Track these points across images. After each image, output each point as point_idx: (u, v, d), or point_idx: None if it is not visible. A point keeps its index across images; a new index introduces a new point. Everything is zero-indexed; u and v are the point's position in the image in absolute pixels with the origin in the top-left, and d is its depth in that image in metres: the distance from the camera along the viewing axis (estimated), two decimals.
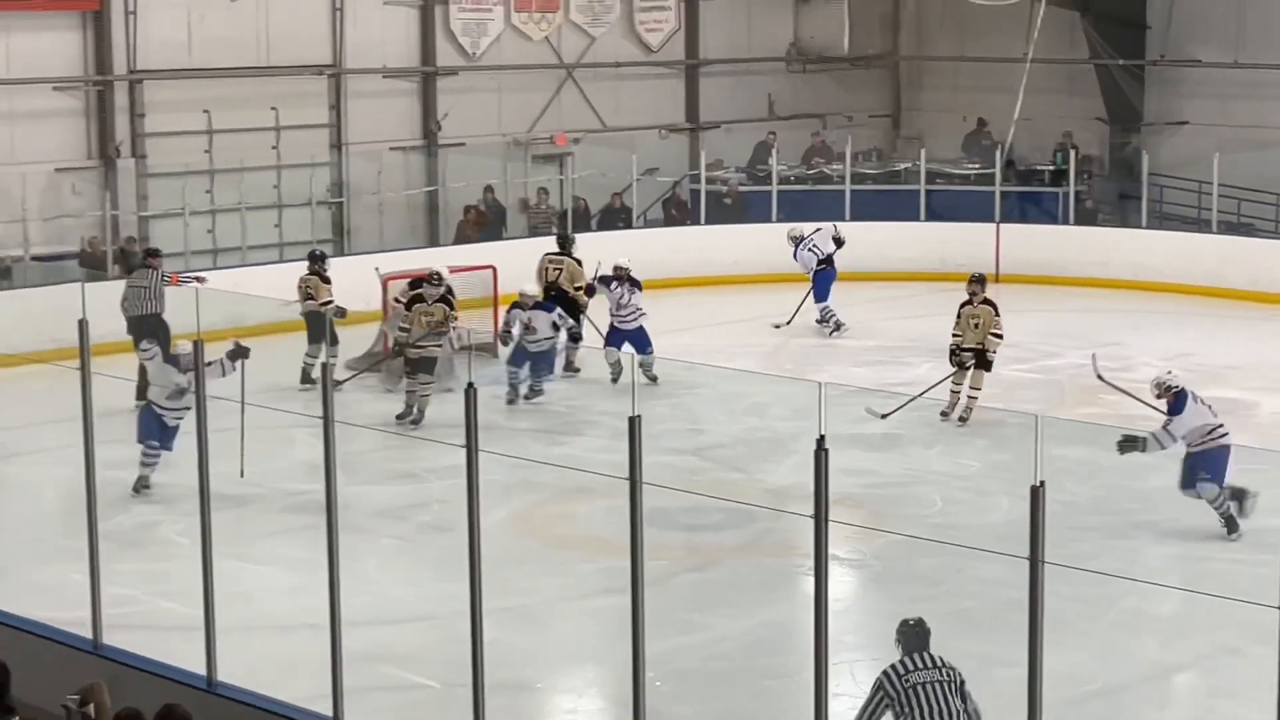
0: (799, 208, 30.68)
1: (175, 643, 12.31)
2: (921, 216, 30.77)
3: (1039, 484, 8.42)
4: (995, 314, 20.38)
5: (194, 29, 28.19)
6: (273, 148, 29.15)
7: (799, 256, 26.21)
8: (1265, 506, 16.08)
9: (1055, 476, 8.70)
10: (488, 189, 30.59)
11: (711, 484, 17.67)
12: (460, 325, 21.59)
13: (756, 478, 18.04)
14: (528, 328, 21.19)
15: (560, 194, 31.25)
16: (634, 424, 9.31)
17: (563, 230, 26.52)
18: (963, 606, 13.80)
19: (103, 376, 12.42)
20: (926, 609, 12.45)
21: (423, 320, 20.52)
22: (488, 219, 30.32)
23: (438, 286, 20.95)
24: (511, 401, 21.03)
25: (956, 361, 20.29)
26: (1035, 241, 30.02)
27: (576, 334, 22.27)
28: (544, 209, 30.80)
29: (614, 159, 31.30)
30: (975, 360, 20.24)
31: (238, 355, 16.82)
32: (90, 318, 12.04)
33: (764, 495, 16.49)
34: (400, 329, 20.78)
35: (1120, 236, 30.39)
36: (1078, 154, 31.64)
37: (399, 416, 20.14)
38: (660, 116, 34.20)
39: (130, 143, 27.87)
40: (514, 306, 21.68)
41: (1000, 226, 30.12)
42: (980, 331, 20.26)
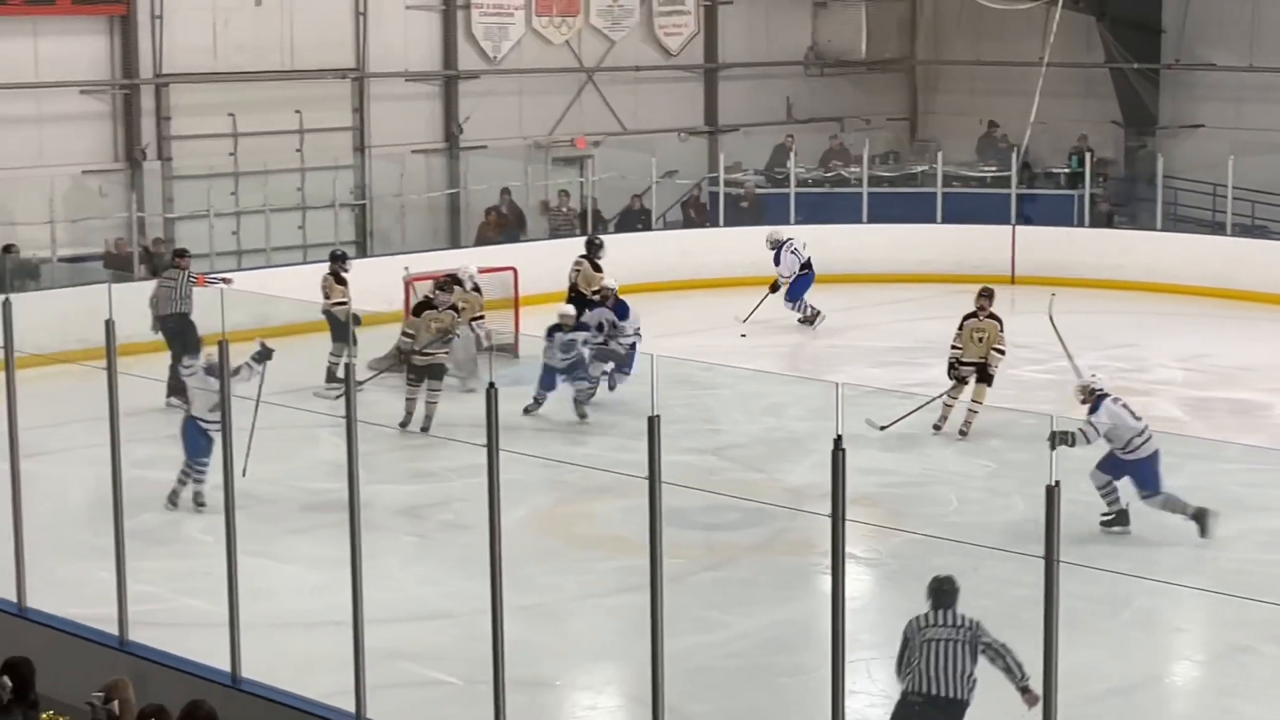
0: (816, 210, 30.83)
1: (200, 639, 12.38)
2: (938, 219, 30.78)
3: (1054, 484, 8.47)
4: (1000, 329, 19.95)
5: (219, 33, 28.34)
6: (296, 150, 29.31)
7: (783, 259, 26.28)
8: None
9: (1070, 476, 8.79)
10: (504, 191, 30.66)
11: (729, 483, 17.75)
12: (488, 323, 21.66)
13: (774, 477, 18.09)
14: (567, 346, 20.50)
15: (581, 196, 31.35)
16: (653, 424, 9.37)
17: (590, 233, 26.61)
18: (978, 605, 13.71)
19: (129, 376, 12.56)
20: None
21: (431, 326, 20.27)
22: (509, 222, 30.39)
23: (450, 293, 20.86)
24: (528, 411, 20.42)
25: (955, 375, 19.86)
26: (1050, 244, 30.03)
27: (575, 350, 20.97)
28: (564, 211, 30.90)
29: (634, 162, 31.35)
30: (977, 374, 19.81)
31: (263, 357, 16.92)
32: (117, 318, 12.13)
33: (782, 494, 16.53)
34: (405, 334, 20.56)
35: (1135, 239, 30.42)
36: (1093, 157, 31.68)
37: (401, 425, 19.80)
38: (679, 119, 34.28)
39: (156, 145, 28.04)
40: (554, 330, 20.81)
41: (1016, 229, 30.20)
42: (984, 346, 19.79)
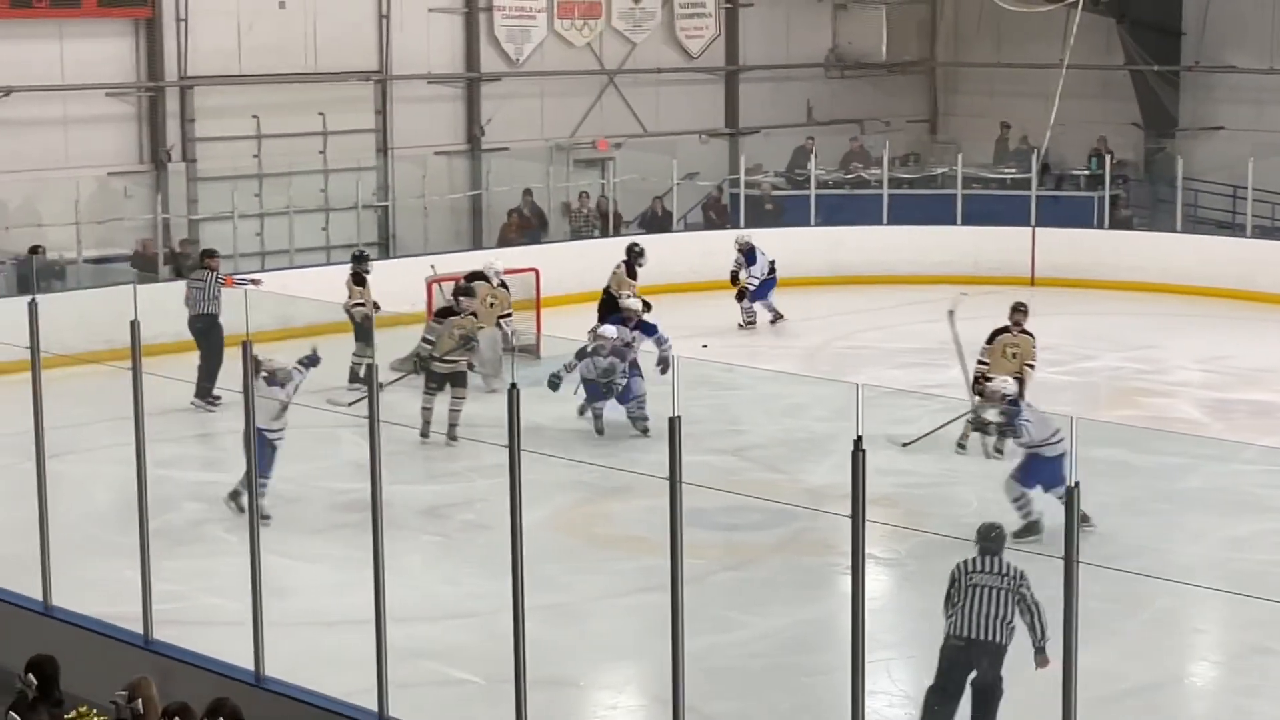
0: (837, 211, 30.94)
1: (224, 638, 12.48)
2: (958, 220, 30.82)
3: (1074, 485, 8.51)
4: (1033, 345, 19.22)
5: (243, 36, 28.46)
6: (320, 152, 29.43)
7: (758, 260, 26.21)
8: None
9: (1090, 478, 8.80)
10: (526, 192, 30.75)
11: (750, 484, 17.80)
12: (514, 323, 21.65)
13: (794, 478, 18.12)
14: (608, 370, 19.70)
15: (602, 198, 31.40)
16: (674, 424, 9.42)
17: (626, 236, 26.67)
18: None
19: (154, 376, 12.60)
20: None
21: (454, 333, 19.89)
22: (531, 223, 30.47)
23: (472, 297, 20.75)
24: (600, 432, 19.85)
25: (978, 390, 18.57)
26: (1070, 245, 30.05)
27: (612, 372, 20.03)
28: (585, 213, 30.98)
29: (655, 163, 31.42)
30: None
31: (312, 363, 17.04)
32: (142, 319, 12.22)
33: (802, 495, 16.55)
34: (425, 340, 20.25)
35: (1154, 240, 30.40)
36: (1113, 159, 31.70)
37: (422, 435, 19.40)
38: (700, 122, 34.33)
39: (181, 147, 28.20)
40: (588, 353, 19.87)
41: (1035, 231, 30.22)
42: (1016, 363, 18.88)
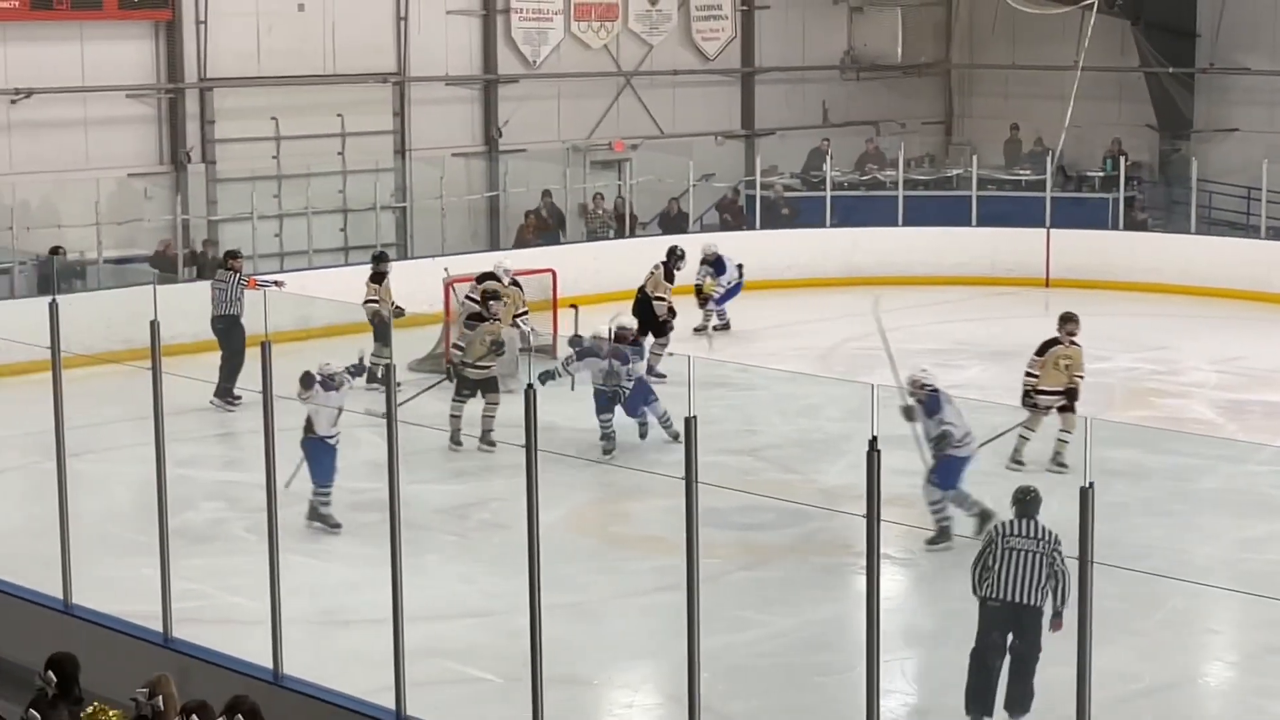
0: (852, 213, 31.00)
1: (243, 636, 12.57)
2: (973, 222, 30.84)
3: (1088, 485, 8.56)
4: (1082, 355, 18.81)
5: (262, 38, 28.57)
6: (338, 154, 29.53)
7: (728, 267, 25.80)
8: None
9: (1104, 478, 8.83)
10: (545, 193, 30.82)
11: (765, 484, 17.86)
12: (530, 320, 21.65)
13: (810, 478, 18.16)
14: (609, 373, 19.07)
15: (618, 199, 31.47)
16: (690, 425, 9.48)
17: (669, 240, 26.45)
18: None
19: (174, 376, 12.69)
20: (976, 608, 12.69)
21: (485, 339, 19.53)
22: (548, 224, 30.54)
23: (501, 301, 20.60)
24: (608, 452, 19.04)
25: (1032, 404, 18.43)
26: (1085, 247, 30.07)
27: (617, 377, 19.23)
28: (600, 214, 31.04)
29: (671, 165, 31.47)
30: (1062, 403, 18.42)
31: (358, 372, 17.16)
32: (161, 319, 12.28)
33: (817, 495, 16.59)
34: (456, 347, 20.10)
35: (1169, 242, 30.38)
36: (1127, 160, 31.72)
37: (455, 443, 19.14)
38: (716, 123, 34.37)
39: (200, 148, 28.31)
40: (584, 345, 19.45)
41: (1050, 232, 30.23)
42: (1066, 374, 18.44)
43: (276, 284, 21.51)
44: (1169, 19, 33.73)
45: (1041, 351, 18.63)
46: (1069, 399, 18.36)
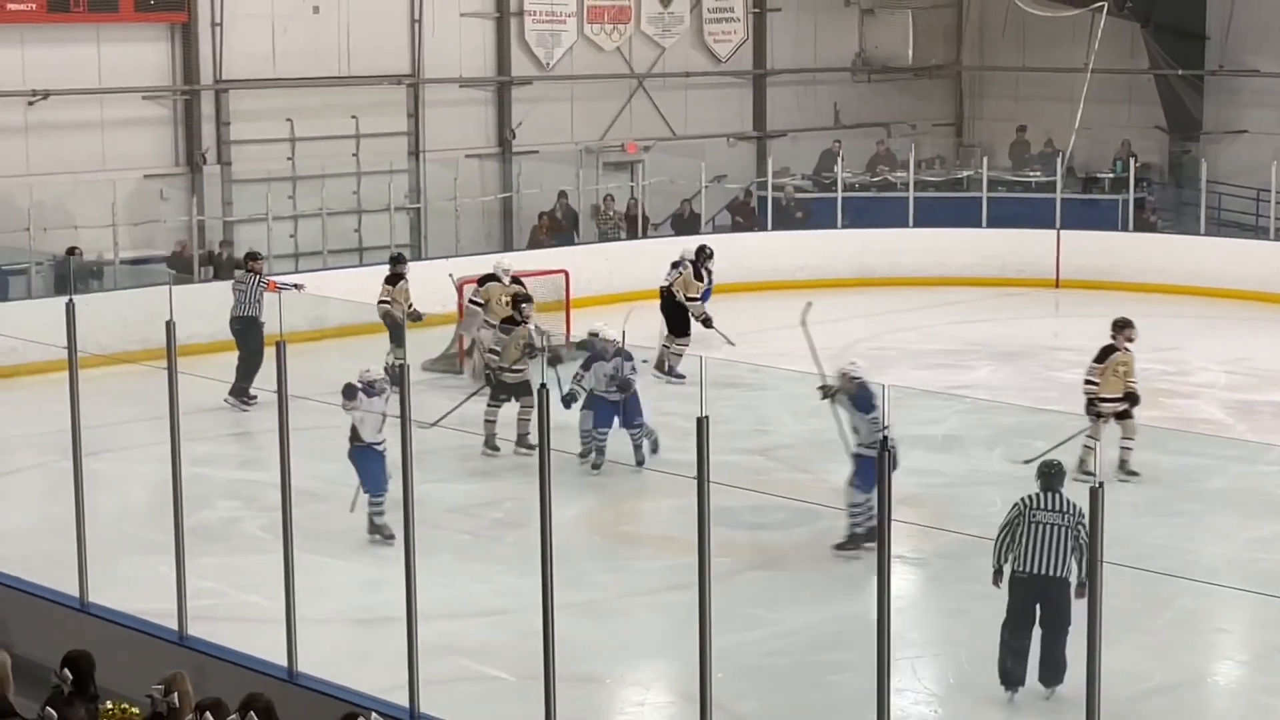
0: (863, 214, 31.05)
1: (257, 634, 12.59)
2: (983, 223, 30.87)
3: (1098, 485, 8.58)
4: (1134, 360, 18.50)
5: (277, 40, 28.66)
6: (353, 155, 29.62)
7: (703, 273, 24.96)
8: None
9: (1114, 478, 8.87)
10: (561, 194, 30.88)
11: (777, 483, 17.90)
12: (536, 320, 21.61)
13: (821, 477, 18.14)
14: (614, 377, 18.48)
15: (630, 200, 31.53)
16: (701, 424, 9.49)
17: (698, 240, 26.33)
18: None
19: (189, 376, 12.74)
20: (987, 607, 12.76)
21: (520, 343, 19.29)
22: (562, 226, 30.59)
23: (531, 303, 20.26)
24: (598, 466, 18.43)
25: (1096, 413, 17.79)
26: (1095, 248, 30.11)
27: (626, 383, 18.61)
28: (611, 215, 31.11)
29: (683, 166, 31.54)
30: (1122, 410, 17.94)
31: (395, 381, 17.11)
32: (177, 319, 12.32)
33: (828, 494, 16.54)
34: (491, 351, 19.75)
35: (1179, 243, 30.40)
36: (1137, 162, 31.75)
37: (492, 448, 18.87)
38: (728, 125, 34.45)
39: (216, 150, 28.41)
40: (593, 349, 18.85)
41: (1061, 233, 30.27)
42: (1123, 379, 18.11)
43: (296, 287, 21.49)
44: (1179, 21, 33.78)
45: (1101, 358, 18.30)
46: (1130, 404, 18.06)
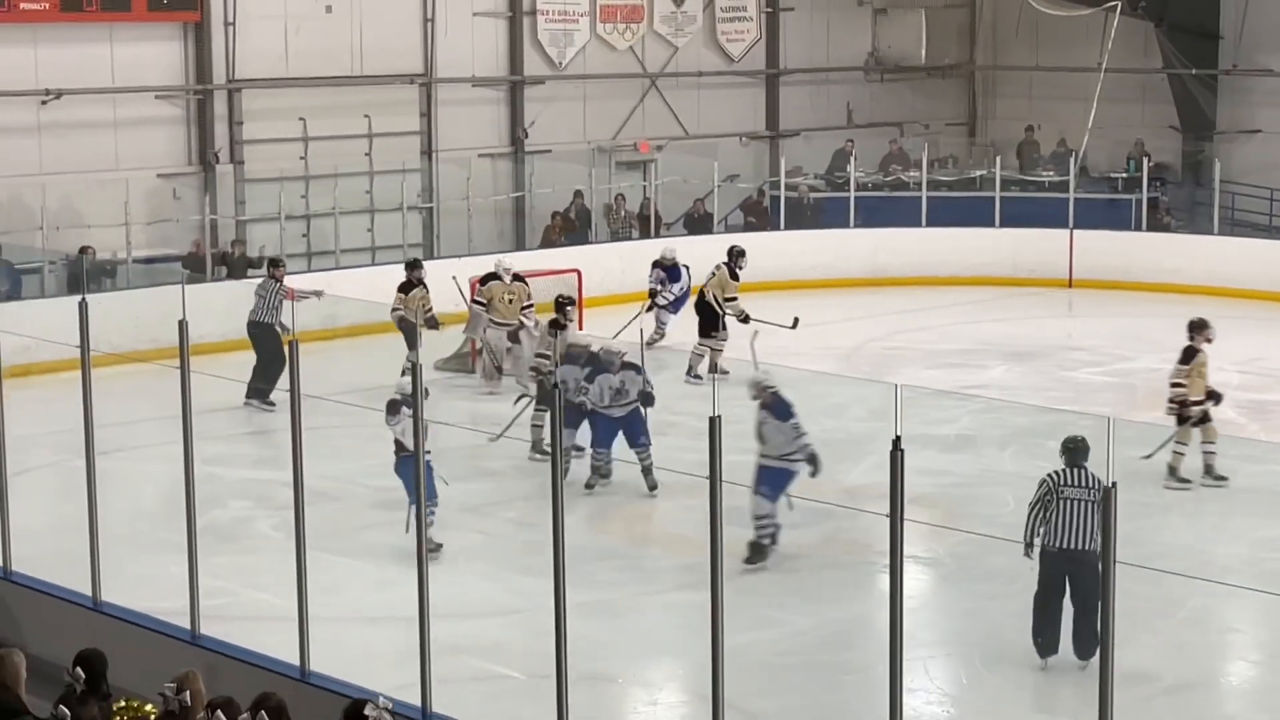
0: (876, 213, 31.06)
1: (269, 633, 12.61)
2: (996, 223, 30.83)
3: (1111, 485, 8.55)
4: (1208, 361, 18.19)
5: (290, 40, 28.72)
6: (365, 154, 29.68)
7: (681, 279, 24.77)
8: None
9: (1127, 478, 8.84)
10: (577, 194, 30.91)
11: None
12: (535, 314, 21.54)
13: (833, 477, 18.13)
14: (620, 391, 17.85)
15: (643, 200, 31.55)
16: (714, 424, 9.47)
17: (731, 243, 26.05)
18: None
19: (202, 375, 12.74)
20: (1000, 607, 12.78)
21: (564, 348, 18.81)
22: (574, 226, 30.61)
23: (574, 304, 20.00)
24: (590, 486, 17.89)
25: (1186, 415, 17.68)
26: (1108, 248, 30.06)
27: (647, 397, 17.99)
28: (622, 214, 31.11)
29: (696, 166, 31.53)
30: (1205, 413, 17.84)
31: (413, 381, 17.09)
32: (190, 318, 12.36)
33: (840, 494, 16.53)
34: (540, 355, 19.52)
35: (1192, 243, 30.36)
36: (1150, 161, 31.72)
37: (540, 451, 18.38)
38: (741, 124, 34.47)
39: (229, 149, 28.47)
40: (600, 360, 18.24)
41: (1074, 233, 30.24)
42: (1204, 380, 17.88)
43: (316, 294, 21.40)
44: (1192, 21, 33.76)
45: (1186, 360, 17.95)
46: (1214, 402, 17.88)
